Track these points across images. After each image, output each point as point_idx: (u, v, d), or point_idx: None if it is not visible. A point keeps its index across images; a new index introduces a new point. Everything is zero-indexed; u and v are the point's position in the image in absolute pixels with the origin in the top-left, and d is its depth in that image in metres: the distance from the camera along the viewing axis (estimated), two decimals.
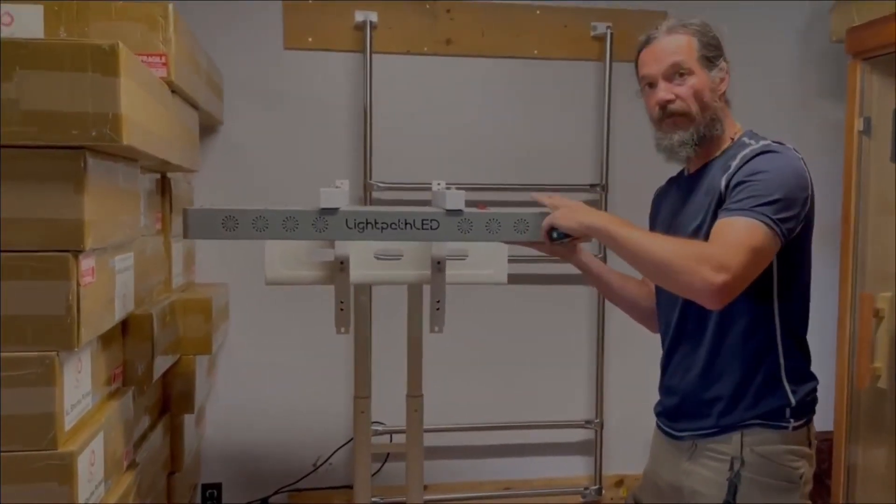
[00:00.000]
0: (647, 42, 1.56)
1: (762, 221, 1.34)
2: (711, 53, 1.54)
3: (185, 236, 1.60)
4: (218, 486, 2.65)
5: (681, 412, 1.60)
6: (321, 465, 2.67)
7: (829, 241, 2.70)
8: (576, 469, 2.85)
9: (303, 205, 1.63)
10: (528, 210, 1.64)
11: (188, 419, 2.21)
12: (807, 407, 1.52)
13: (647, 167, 1.73)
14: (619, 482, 2.87)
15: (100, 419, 1.45)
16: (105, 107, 1.26)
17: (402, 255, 1.92)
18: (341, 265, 1.85)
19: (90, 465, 1.37)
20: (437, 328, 1.97)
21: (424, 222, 1.65)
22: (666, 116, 1.54)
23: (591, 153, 2.77)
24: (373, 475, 2.14)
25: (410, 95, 2.67)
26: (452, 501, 2.74)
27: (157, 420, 2.00)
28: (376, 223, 1.64)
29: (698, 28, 1.54)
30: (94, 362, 1.46)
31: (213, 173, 2.54)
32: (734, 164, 1.47)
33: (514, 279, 2.08)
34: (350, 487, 2.65)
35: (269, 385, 2.64)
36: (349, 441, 2.63)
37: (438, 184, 1.98)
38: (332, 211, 1.62)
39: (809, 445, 1.52)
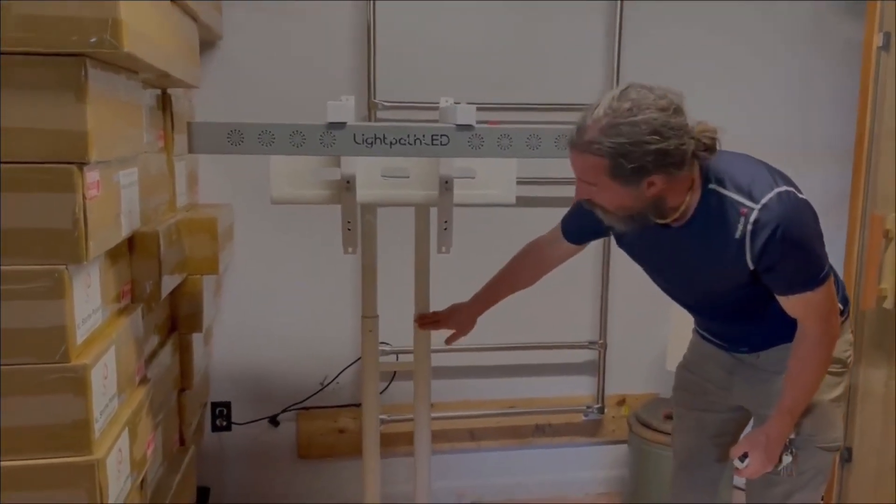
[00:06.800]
0: (568, 141, 1.41)
1: (824, 283, 1.51)
2: (631, 170, 1.34)
3: (190, 150, 1.57)
4: (227, 405, 2.69)
5: (734, 346, 1.75)
6: (328, 384, 2.71)
7: (842, 161, 2.66)
8: (579, 388, 2.89)
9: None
10: (542, 126, 1.61)
11: (196, 338, 2.22)
12: (844, 301, 1.69)
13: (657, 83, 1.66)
14: (622, 401, 2.91)
15: (111, 334, 1.45)
16: (104, 12, 1.21)
17: (409, 176, 1.89)
18: (347, 184, 1.83)
19: (103, 378, 1.37)
20: (444, 249, 1.96)
21: (434, 137, 1.62)
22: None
23: (601, 70, 2.70)
24: (380, 393, 2.17)
25: (415, 11, 2.58)
26: (458, 419, 2.79)
27: (165, 339, 2.01)
28: (385, 138, 1.60)
29: (612, 148, 1.32)
30: (102, 278, 1.45)
31: (213, 90, 2.47)
32: (746, 236, 1.43)
33: (522, 201, 2.06)
34: (356, 406, 2.70)
35: (275, 306, 2.65)
36: (356, 361, 2.65)
37: (447, 100, 1.94)
38: (340, 125, 1.58)
39: (852, 333, 1.76)
